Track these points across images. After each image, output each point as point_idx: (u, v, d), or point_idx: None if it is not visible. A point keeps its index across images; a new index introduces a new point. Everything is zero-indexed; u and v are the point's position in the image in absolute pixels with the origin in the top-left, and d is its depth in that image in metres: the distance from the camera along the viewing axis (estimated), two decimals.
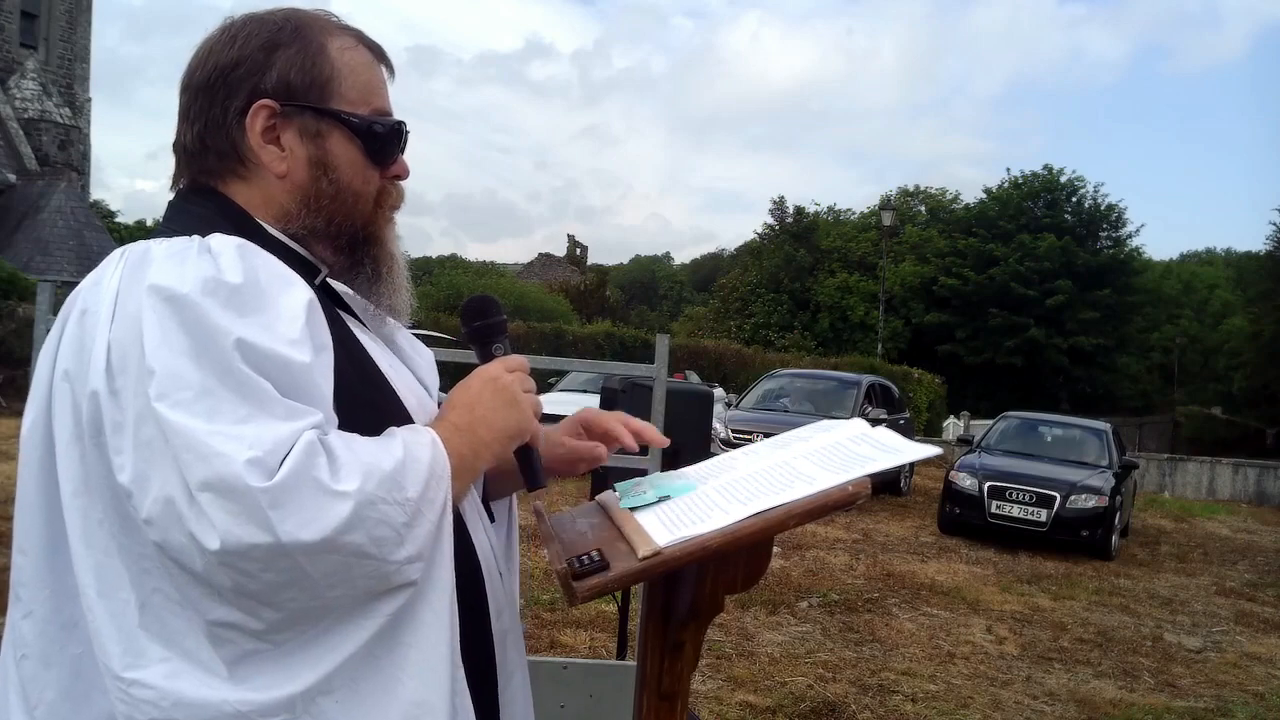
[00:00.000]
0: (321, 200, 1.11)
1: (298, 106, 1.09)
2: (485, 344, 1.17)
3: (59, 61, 27.47)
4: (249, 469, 0.85)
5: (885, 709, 5.05)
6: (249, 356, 0.90)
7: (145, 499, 0.87)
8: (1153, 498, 16.97)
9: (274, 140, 1.09)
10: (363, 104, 1.13)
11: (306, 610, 0.90)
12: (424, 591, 0.96)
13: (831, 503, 1.07)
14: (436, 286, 32.83)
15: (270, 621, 0.90)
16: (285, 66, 1.09)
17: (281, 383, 0.91)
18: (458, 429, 1.05)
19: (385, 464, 0.93)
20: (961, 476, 10.99)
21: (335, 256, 1.15)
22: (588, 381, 13.79)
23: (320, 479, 0.88)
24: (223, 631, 0.89)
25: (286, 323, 0.95)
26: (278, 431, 0.88)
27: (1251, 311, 35.98)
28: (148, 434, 0.88)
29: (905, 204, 42.77)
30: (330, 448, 0.91)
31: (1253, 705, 5.78)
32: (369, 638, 0.93)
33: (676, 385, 5.60)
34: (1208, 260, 64.58)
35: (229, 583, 0.87)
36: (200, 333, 0.90)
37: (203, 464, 0.86)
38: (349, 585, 0.91)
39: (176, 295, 0.91)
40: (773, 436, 1.38)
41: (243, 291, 0.94)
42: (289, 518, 0.86)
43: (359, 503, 0.89)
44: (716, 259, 71.20)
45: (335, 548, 0.88)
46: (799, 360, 26.01)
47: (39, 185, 23.82)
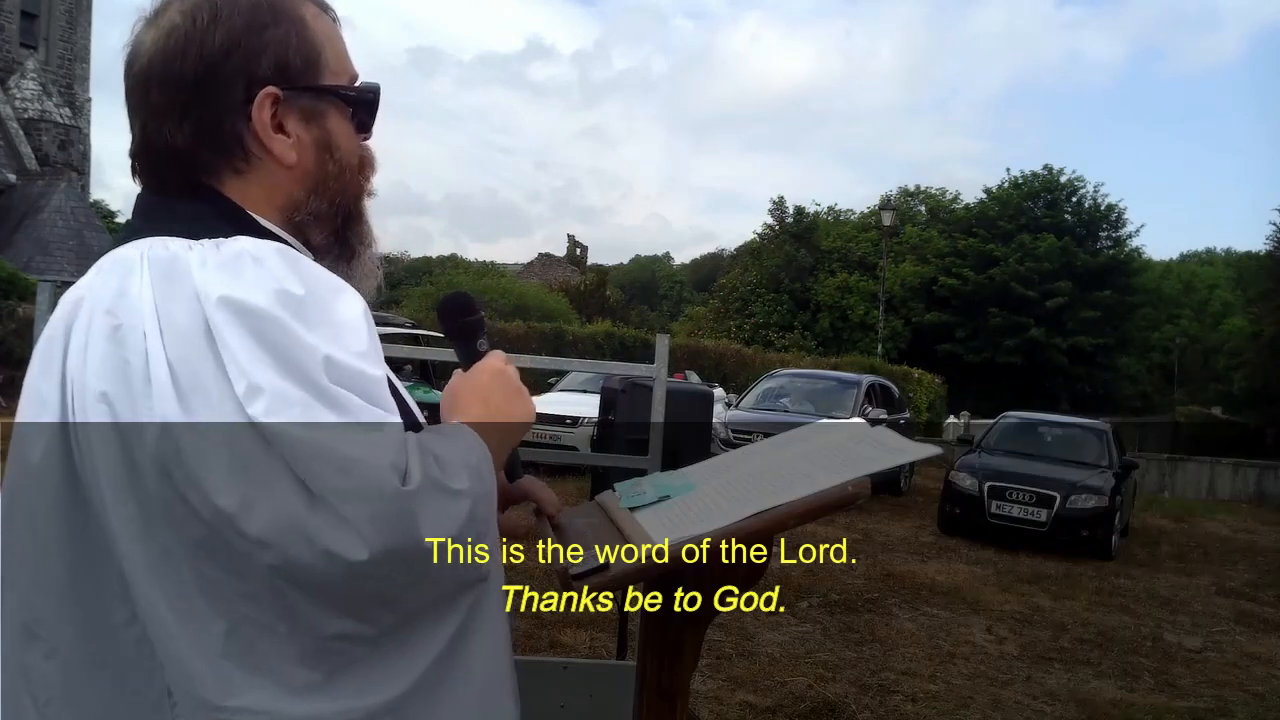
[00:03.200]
0: (329, 182, 1.07)
1: (297, 89, 1.03)
2: (470, 340, 1.16)
3: (59, 61, 27.46)
4: (393, 473, 0.85)
5: (885, 709, 5.05)
6: (333, 372, 0.87)
7: (254, 521, 0.82)
8: (1153, 498, 16.96)
9: (278, 129, 1.02)
10: (344, 73, 1.08)
11: (419, 611, 0.91)
12: (490, 585, 0.98)
13: (832, 503, 1.07)
14: (436, 286, 32.84)
15: (386, 626, 0.89)
16: (278, 48, 1.01)
17: (366, 395, 0.89)
18: (480, 423, 1.04)
19: (473, 459, 0.95)
20: (961, 476, 10.99)
21: (326, 240, 1.09)
22: (587, 381, 13.78)
23: (438, 479, 0.89)
24: (334, 644, 0.87)
25: (352, 334, 0.92)
26: (391, 437, 0.88)
27: (1251, 311, 35.97)
28: (248, 452, 0.83)
29: (905, 204, 42.76)
30: (427, 447, 0.92)
31: (1253, 705, 5.78)
32: (452, 634, 0.94)
33: (676, 385, 5.61)
34: (1208, 260, 64.62)
35: (363, 594, 0.86)
36: (286, 349, 0.86)
37: (343, 475, 0.83)
38: (456, 581, 0.92)
39: (253, 309, 0.87)
40: (772, 436, 1.38)
41: (307, 303, 0.90)
42: (427, 519, 0.87)
43: (474, 500, 0.91)
44: (716, 259, 71.21)
45: (459, 545, 0.89)
46: (799, 360, 26.00)
47: (39, 185, 23.82)
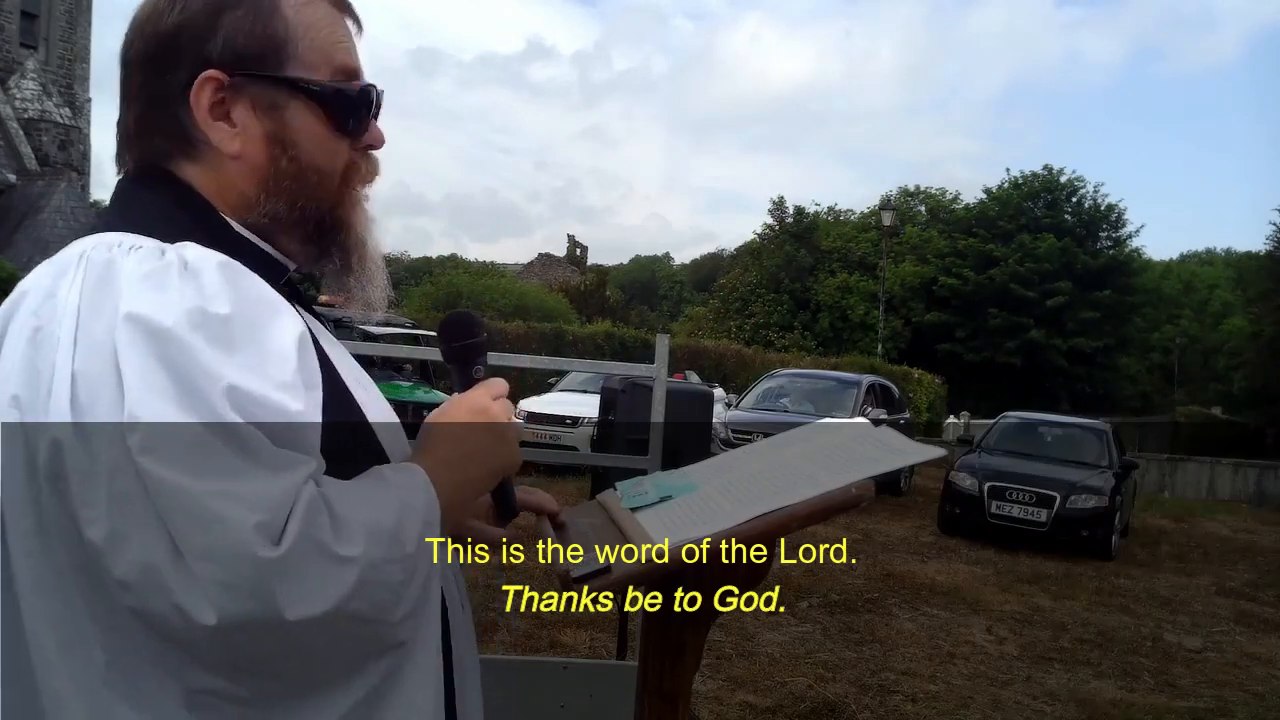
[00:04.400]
0: (282, 181, 0.97)
1: (249, 76, 0.96)
2: (466, 365, 1.09)
3: (59, 61, 27.44)
4: (257, 536, 0.76)
5: (885, 709, 5.05)
6: (239, 404, 0.79)
7: (120, 560, 0.77)
8: (1153, 498, 16.95)
9: (224, 116, 0.96)
10: (324, 66, 0.99)
11: (298, 678, 0.83)
12: (413, 650, 0.89)
13: (835, 504, 1.06)
14: (436, 286, 32.81)
15: (258, 690, 0.82)
16: (232, 30, 0.95)
17: (274, 431, 0.81)
18: (447, 465, 0.96)
19: (386, 520, 0.85)
20: (961, 476, 10.98)
21: (302, 247, 1.02)
22: (587, 381, 13.78)
23: (324, 542, 0.79)
24: (204, 698, 0.81)
25: (277, 363, 0.84)
26: (276, 488, 0.79)
27: (1251, 311, 35.94)
28: (124, 488, 0.77)
29: (905, 204, 42.75)
30: (329, 503, 0.82)
31: (1253, 705, 5.77)
32: (356, 702, 0.85)
33: (676, 385, 5.60)
34: (1208, 260, 64.62)
35: (219, 657, 0.79)
36: (188, 375, 0.79)
37: (201, 531, 0.76)
38: (346, 651, 0.84)
39: (159, 330, 0.79)
40: (774, 436, 1.37)
41: (231, 324, 0.83)
42: (293, 590, 0.77)
43: (364, 568, 0.81)
44: (716, 259, 71.19)
45: (338, 618, 0.80)
46: (799, 360, 25.99)
47: (39, 185, 23.80)
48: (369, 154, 1.06)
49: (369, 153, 1.06)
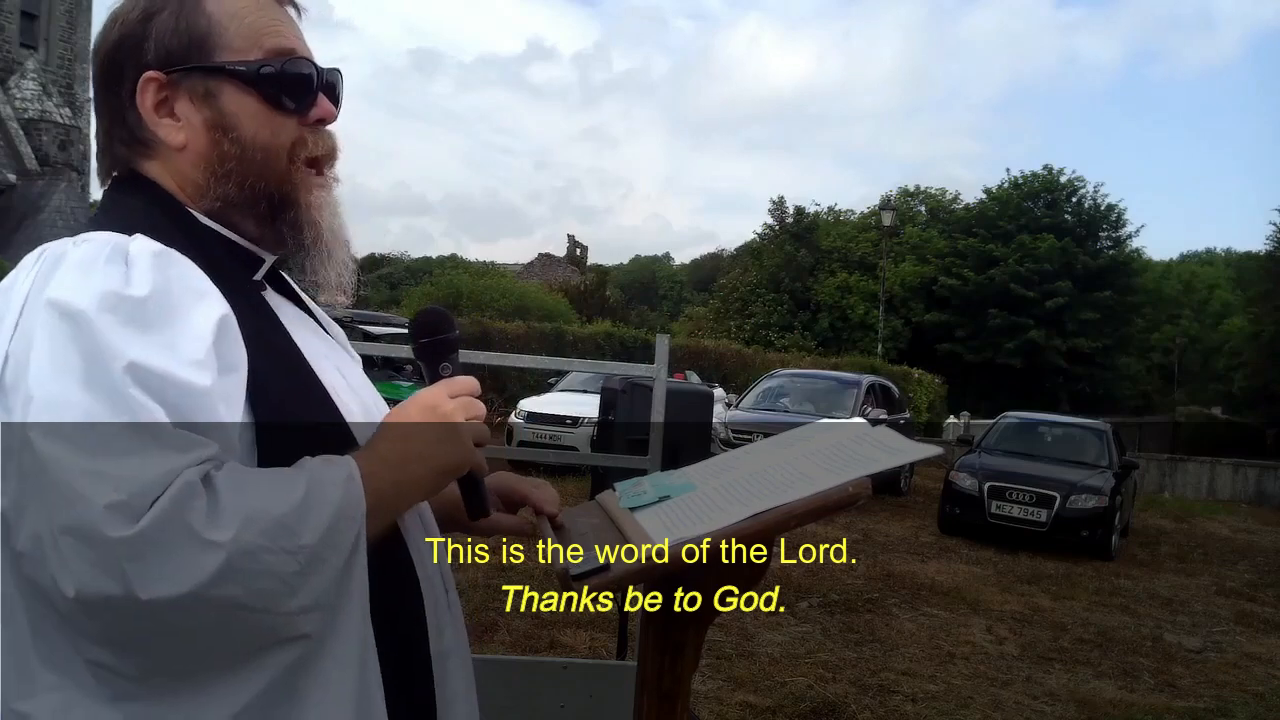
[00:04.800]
0: (227, 164, 1.02)
1: (182, 70, 1.01)
2: (433, 363, 1.08)
3: (59, 61, 27.44)
4: (108, 516, 0.78)
5: (885, 709, 5.05)
6: (141, 380, 0.82)
7: (19, 531, 0.81)
8: (1153, 498, 16.95)
9: (169, 113, 1.02)
10: (253, 49, 1.03)
11: (180, 660, 0.84)
12: (326, 643, 0.89)
13: (832, 503, 1.07)
14: (436, 286, 32.80)
15: (142, 668, 0.84)
16: (161, 31, 1.02)
17: (178, 408, 0.83)
18: (385, 462, 0.95)
19: (276, 508, 0.84)
20: (961, 476, 10.99)
21: (260, 229, 1.06)
22: (587, 381, 13.77)
23: (192, 525, 0.79)
24: (100, 671, 0.84)
25: (191, 341, 0.87)
26: (157, 468, 0.80)
27: (1251, 311, 35.96)
28: (28, 463, 0.80)
29: (905, 204, 42.71)
30: (215, 487, 0.82)
31: (1253, 705, 5.78)
32: (259, 691, 0.86)
33: (676, 385, 5.60)
34: (1208, 260, 64.62)
35: (90, 629, 0.82)
36: (92, 354, 0.82)
37: (66, 506, 0.78)
38: (227, 639, 0.84)
39: (72, 311, 0.84)
40: (773, 436, 1.37)
41: (147, 306, 0.86)
42: (148, 571, 0.78)
43: (232, 554, 0.80)
44: (716, 259, 71.13)
45: (204, 602, 0.80)
46: (799, 360, 25.98)
47: (39, 185, 23.81)
48: (322, 129, 1.09)
49: (322, 128, 1.09)
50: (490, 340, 20.54)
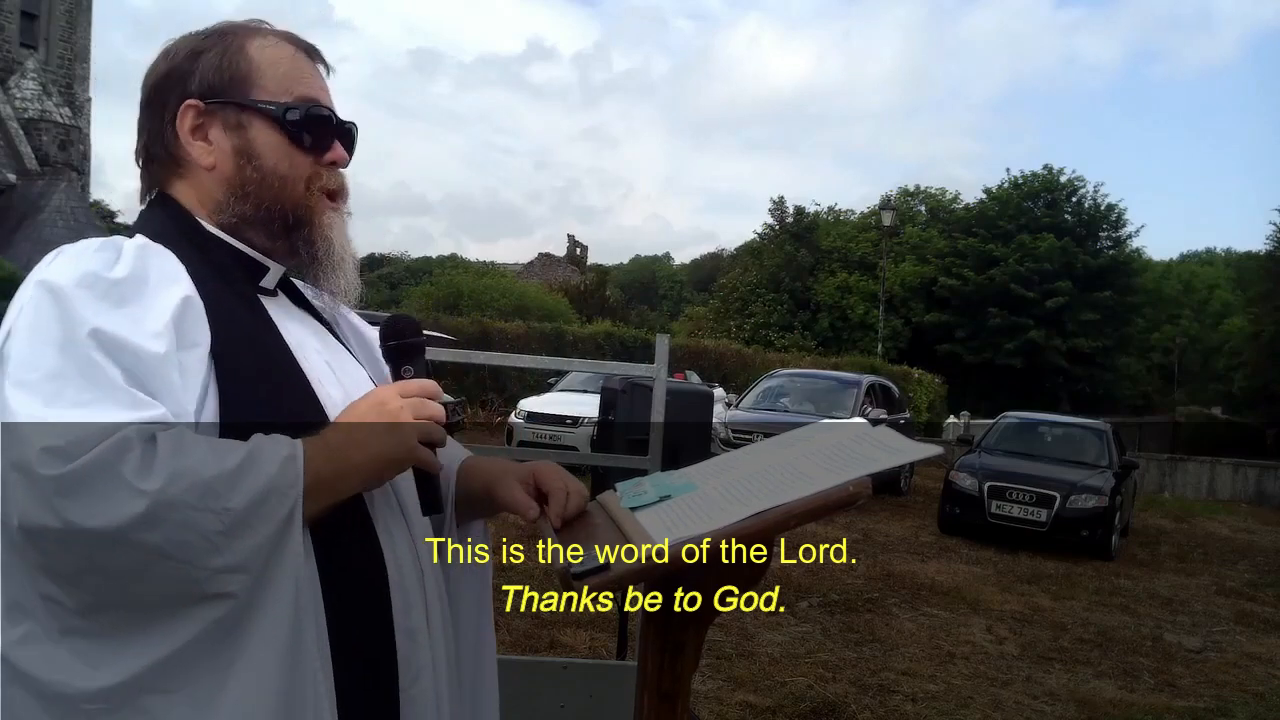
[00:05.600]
0: (248, 186, 1.18)
1: (220, 103, 1.18)
2: (396, 365, 1.18)
3: (59, 61, 27.42)
4: (42, 456, 0.89)
5: (885, 709, 5.05)
6: (103, 344, 0.95)
7: None
8: (1153, 498, 16.95)
9: (203, 137, 1.18)
10: (284, 93, 1.19)
11: (112, 598, 0.94)
12: (255, 605, 0.96)
13: (832, 503, 1.07)
14: (437, 286, 32.81)
15: (81, 602, 0.94)
16: (206, 68, 1.18)
17: (134, 371, 0.96)
18: (328, 447, 1.04)
19: (207, 471, 0.93)
20: (961, 476, 10.99)
21: (272, 242, 1.20)
22: (587, 381, 13.76)
23: (122, 473, 0.90)
24: (49, 605, 0.95)
25: (154, 317, 1.00)
26: (101, 421, 0.91)
27: (1251, 311, 35.95)
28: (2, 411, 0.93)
29: (905, 204, 42.70)
30: (156, 445, 0.93)
31: (1253, 705, 5.78)
32: (189, 640, 0.95)
33: (676, 385, 5.60)
34: (1208, 260, 64.58)
35: (36, 560, 0.93)
36: (63, 321, 0.96)
37: (15, 445, 0.90)
38: (153, 582, 0.93)
39: (54, 286, 0.99)
40: (773, 436, 1.37)
41: (120, 285, 1.01)
42: (76, 506, 0.89)
43: (156, 503, 0.90)
44: (716, 259, 71.12)
45: (128, 542, 0.90)
46: (799, 360, 25.99)
47: (39, 185, 23.80)
48: (335, 170, 1.24)
49: (335, 169, 1.24)
50: (490, 340, 20.56)
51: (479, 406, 18.29)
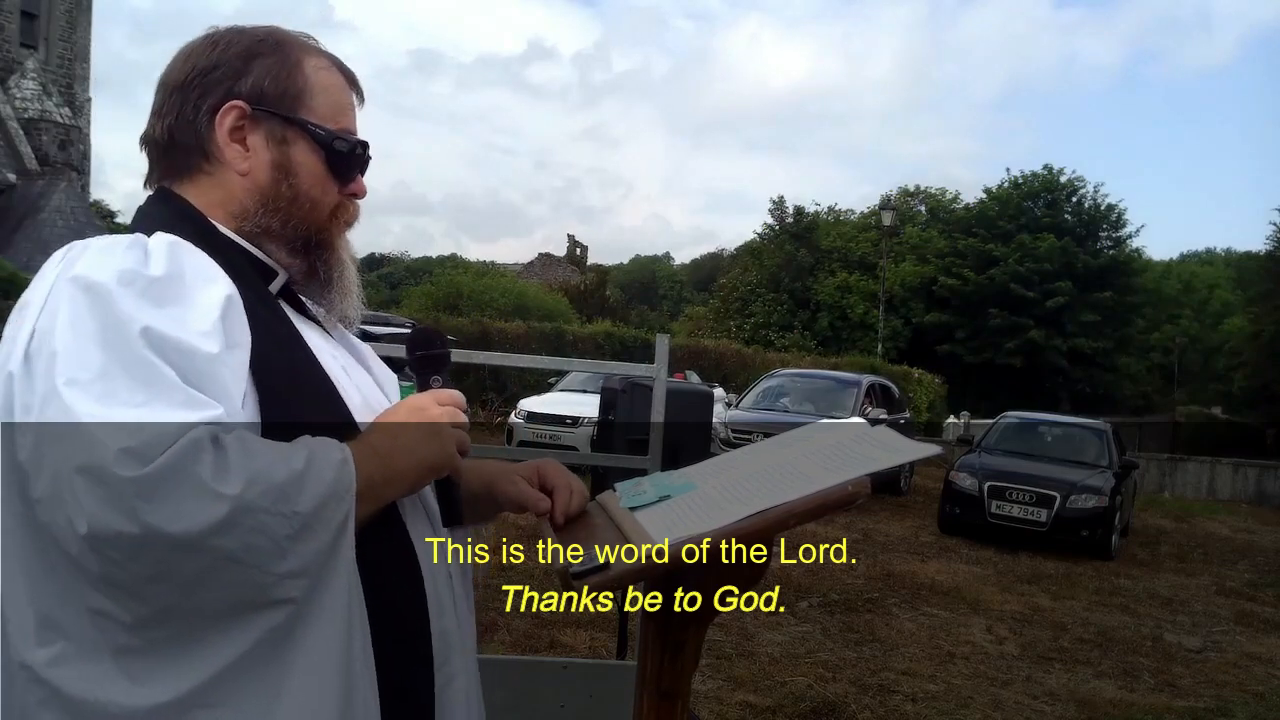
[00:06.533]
0: (279, 202, 1.16)
1: (267, 112, 1.15)
2: (424, 375, 1.19)
3: (59, 61, 27.43)
4: (120, 458, 0.85)
5: (885, 709, 5.05)
6: (154, 343, 0.92)
7: (39, 479, 0.88)
8: (1153, 498, 16.96)
9: (240, 140, 1.15)
10: (331, 121, 1.19)
11: (175, 608, 0.90)
12: (310, 612, 0.94)
13: (832, 502, 1.07)
14: (437, 286, 32.80)
15: (138, 615, 0.89)
16: (261, 74, 1.15)
17: (186, 371, 0.92)
18: (375, 452, 1.03)
19: (278, 474, 0.91)
20: (961, 476, 10.99)
21: (289, 258, 1.20)
22: (587, 381, 13.76)
23: (200, 476, 0.87)
24: (99, 619, 0.90)
25: (200, 315, 0.97)
26: (168, 421, 0.88)
27: (1251, 311, 35.92)
28: (51, 414, 0.88)
29: (905, 204, 42.69)
30: (224, 446, 0.90)
31: (1253, 705, 5.78)
32: (245, 651, 0.91)
33: (676, 385, 5.60)
34: (1208, 260, 64.53)
35: (97, 569, 0.88)
36: (109, 319, 0.92)
37: (83, 448, 0.86)
38: (220, 589, 0.90)
39: (93, 284, 0.94)
40: (773, 436, 1.37)
41: (161, 283, 0.97)
42: (158, 509, 0.85)
43: (236, 508, 0.88)
44: (716, 259, 71.13)
45: (204, 548, 0.87)
46: (799, 360, 25.96)
47: (39, 185, 23.80)
48: (353, 201, 1.25)
49: (353, 200, 1.24)
50: (490, 340, 20.55)
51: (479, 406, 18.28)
